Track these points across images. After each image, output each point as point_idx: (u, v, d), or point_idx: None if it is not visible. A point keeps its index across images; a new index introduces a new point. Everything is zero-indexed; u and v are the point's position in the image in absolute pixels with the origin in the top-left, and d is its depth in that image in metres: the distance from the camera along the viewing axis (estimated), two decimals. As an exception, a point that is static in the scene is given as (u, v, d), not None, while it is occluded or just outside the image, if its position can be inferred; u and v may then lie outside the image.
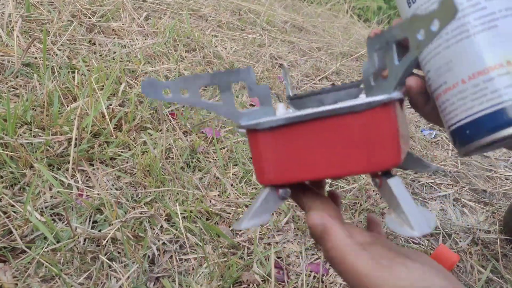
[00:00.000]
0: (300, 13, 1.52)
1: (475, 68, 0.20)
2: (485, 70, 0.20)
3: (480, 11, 0.20)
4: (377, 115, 0.19)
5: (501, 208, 0.71)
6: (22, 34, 0.71)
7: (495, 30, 0.20)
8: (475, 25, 0.20)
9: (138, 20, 0.91)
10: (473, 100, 0.20)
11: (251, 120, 0.20)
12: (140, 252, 0.47)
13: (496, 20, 0.20)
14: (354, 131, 0.19)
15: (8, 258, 0.43)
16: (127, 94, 0.67)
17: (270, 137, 0.20)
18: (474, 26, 0.20)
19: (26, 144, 0.53)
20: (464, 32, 0.20)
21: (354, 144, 0.19)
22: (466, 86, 0.20)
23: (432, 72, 0.22)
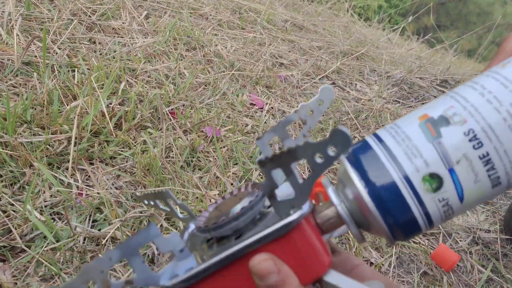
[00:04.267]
0: (300, 12, 1.52)
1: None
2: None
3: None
4: (300, 232, 0.19)
5: (501, 207, 0.71)
6: (22, 32, 0.71)
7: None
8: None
9: (138, 18, 0.91)
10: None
11: (172, 276, 0.19)
12: (140, 251, 0.47)
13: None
14: (283, 254, 0.19)
15: (8, 257, 0.43)
16: (127, 93, 0.67)
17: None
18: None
19: (26, 143, 0.53)
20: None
21: (289, 265, 0.19)
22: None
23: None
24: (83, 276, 0.17)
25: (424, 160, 0.18)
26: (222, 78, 0.84)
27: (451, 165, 0.18)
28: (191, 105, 0.72)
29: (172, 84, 0.76)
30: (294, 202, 0.19)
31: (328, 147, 0.16)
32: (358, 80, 1.06)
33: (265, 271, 0.18)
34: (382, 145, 0.19)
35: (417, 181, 0.18)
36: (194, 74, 0.81)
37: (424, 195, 0.18)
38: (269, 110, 0.81)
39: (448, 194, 0.18)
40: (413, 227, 0.19)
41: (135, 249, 0.18)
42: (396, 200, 0.18)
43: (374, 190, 0.19)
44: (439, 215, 0.19)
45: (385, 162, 0.19)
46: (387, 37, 1.73)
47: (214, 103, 0.76)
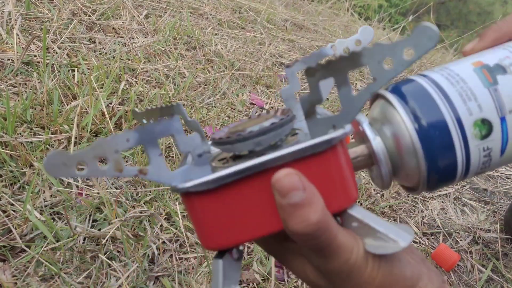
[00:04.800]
0: (300, 11, 1.52)
1: None
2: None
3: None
4: (336, 154, 0.17)
5: (501, 207, 0.70)
6: (22, 32, 0.71)
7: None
8: None
9: (138, 18, 0.91)
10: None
11: (184, 181, 0.17)
12: (140, 251, 0.47)
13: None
14: (312, 175, 0.17)
15: (8, 257, 0.43)
16: (127, 92, 0.67)
17: (209, 199, 0.17)
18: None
19: (26, 143, 0.53)
20: None
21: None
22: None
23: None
24: (95, 149, 0.15)
25: (479, 104, 0.18)
26: (222, 77, 0.84)
27: (504, 113, 0.18)
28: (191, 105, 0.72)
29: (172, 83, 0.76)
30: (337, 121, 0.16)
31: (406, 48, 0.13)
32: (359, 79, 1.06)
33: (289, 186, 0.16)
34: (433, 83, 0.18)
35: (468, 125, 0.18)
36: (194, 74, 0.81)
37: (471, 140, 0.18)
38: (269, 109, 0.80)
39: (493, 143, 0.18)
40: (450, 173, 0.18)
41: (155, 138, 0.16)
42: (443, 141, 0.17)
43: (422, 127, 0.17)
44: (477, 165, 0.18)
45: (437, 100, 0.18)
46: (387, 36, 1.72)
47: (214, 102, 0.76)
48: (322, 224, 0.16)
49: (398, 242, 0.16)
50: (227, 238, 0.17)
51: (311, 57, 0.21)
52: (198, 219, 0.17)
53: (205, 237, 0.18)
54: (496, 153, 0.18)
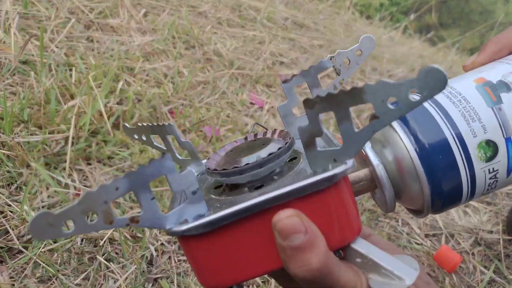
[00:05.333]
0: (301, 10, 1.51)
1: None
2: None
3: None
4: (339, 190, 0.16)
5: (504, 208, 0.70)
6: (19, 31, 0.71)
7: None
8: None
9: (136, 16, 0.90)
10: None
11: (179, 222, 0.16)
12: (138, 252, 0.46)
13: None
14: (313, 213, 0.16)
15: (5, 258, 0.43)
16: (125, 92, 0.67)
17: (206, 241, 0.16)
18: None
19: (23, 143, 0.52)
20: None
21: (317, 227, 0.16)
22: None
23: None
24: (83, 204, 0.14)
25: (483, 125, 0.17)
26: (222, 77, 0.83)
27: (509, 133, 0.17)
28: (190, 104, 0.72)
29: (171, 83, 0.75)
30: (338, 155, 0.16)
31: (411, 89, 0.13)
32: (360, 79, 1.06)
33: (290, 229, 0.15)
34: (434, 103, 0.18)
35: (472, 147, 0.17)
36: (193, 73, 0.80)
37: (476, 163, 0.17)
38: (269, 109, 0.80)
39: (499, 165, 0.17)
40: (454, 197, 0.18)
41: (146, 182, 0.15)
42: (446, 164, 0.17)
43: (423, 151, 0.17)
44: (483, 188, 0.18)
45: (439, 121, 0.17)
46: (388, 35, 1.72)
47: (213, 102, 0.75)
48: (324, 269, 0.15)
49: (403, 279, 0.15)
50: (227, 277, 0.17)
51: (310, 71, 0.21)
52: (196, 261, 0.17)
53: (204, 278, 0.17)
54: (503, 174, 0.18)
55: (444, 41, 1.63)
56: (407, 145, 0.17)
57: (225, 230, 0.16)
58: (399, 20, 2.33)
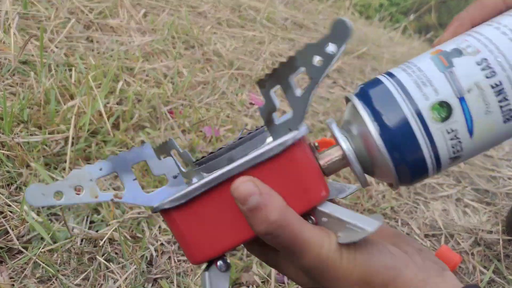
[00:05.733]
0: (300, 10, 1.51)
1: None
2: None
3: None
4: (293, 155, 0.18)
5: (503, 208, 0.70)
6: (19, 31, 0.71)
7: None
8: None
9: (136, 17, 0.90)
10: None
11: (163, 200, 0.18)
12: (138, 253, 0.46)
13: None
14: (272, 179, 0.18)
15: (5, 259, 0.43)
16: (125, 92, 0.67)
17: (186, 213, 0.18)
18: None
19: (23, 143, 0.52)
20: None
21: (278, 191, 0.18)
22: None
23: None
24: (71, 179, 0.17)
25: (434, 88, 0.18)
26: (221, 77, 0.83)
27: (462, 93, 0.17)
28: (189, 105, 0.72)
29: (171, 83, 0.75)
30: (291, 123, 0.17)
31: (327, 44, 0.15)
32: (359, 79, 1.06)
33: (245, 193, 0.17)
34: (393, 79, 0.19)
35: (425, 109, 0.18)
36: (192, 73, 0.80)
37: (432, 124, 0.18)
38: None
39: (457, 125, 0.18)
40: (419, 165, 0.18)
41: (128, 165, 0.18)
42: (403, 131, 0.18)
43: (381, 124, 0.18)
44: (446, 150, 0.18)
45: (393, 93, 0.18)
46: (388, 35, 1.72)
47: (213, 102, 0.75)
48: (281, 221, 0.17)
49: (365, 229, 0.16)
50: (208, 248, 0.18)
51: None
52: (179, 234, 0.19)
53: (189, 251, 0.19)
54: (464, 134, 0.18)
55: (443, 41, 1.64)
56: (367, 121, 0.18)
57: (199, 202, 0.18)
58: (399, 20, 2.34)
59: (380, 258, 0.18)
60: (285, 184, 0.18)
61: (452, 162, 0.19)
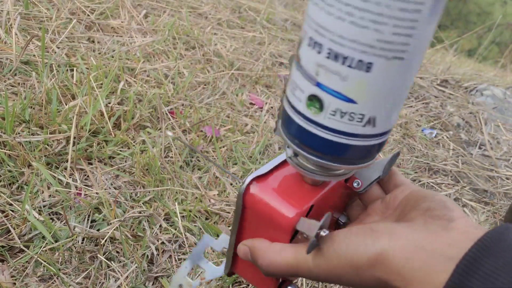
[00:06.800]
0: (300, 11, 1.51)
1: None
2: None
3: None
4: (247, 203, 0.22)
5: (502, 208, 0.70)
6: (20, 31, 0.71)
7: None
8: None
9: (137, 17, 0.91)
10: None
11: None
12: (139, 251, 0.47)
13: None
14: (254, 229, 0.23)
15: (6, 257, 0.43)
16: (126, 92, 0.67)
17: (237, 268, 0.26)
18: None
19: (24, 143, 0.53)
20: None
21: (261, 235, 0.23)
22: None
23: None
24: (174, 284, 0.26)
25: (300, 89, 0.19)
26: (222, 77, 0.84)
27: (315, 79, 0.18)
28: (190, 105, 0.72)
29: (171, 83, 0.76)
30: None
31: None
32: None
33: (244, 256, 0.23)
34: (287, 100, 0.21)
35: (304, 109, 0.19)
36: (193, 74, 0.80)
37: (316, 118, 0.18)
38: (269, 109, 0.80)
39: (333, 105, 0.18)
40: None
41: (200, 255, 0.26)
42: (293, 125, 0.20)
43: (288, 131, 0.21)
44: (353, 129, 0.18)
45: (288, 112, 0.20)
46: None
47: (213, 102, 0.76)
48: (267, 267, 0.21)
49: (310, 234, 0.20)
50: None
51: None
52: (246, 277, 0.26)
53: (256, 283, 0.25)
54: (347, 106, 0.18)
55: (442, 42, 1.64)
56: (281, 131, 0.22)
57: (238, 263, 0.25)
58: (398, 21, 2.32)
59: (354, 240, 0.18)
60: (261, 224, 0.22)
61: (384, 130, 0.20)
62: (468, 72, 1.34)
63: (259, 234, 0.22)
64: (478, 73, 1.38)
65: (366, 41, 0.16)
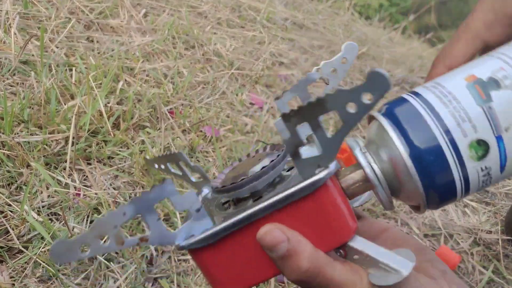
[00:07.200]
0: (300, 10, 1.51)
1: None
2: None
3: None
4: (323, 193, 0.18)
5: (503, 208, 0.70)
6: (19, 31, 0.71)
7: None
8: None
9: (136, 17, 0.90)
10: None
11: (187, 237, 0.18)
12: (138, 252, 0.47)
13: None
14: (301, 218, 0.18)
15: (5, 258, 0.43)
16: (125, 92, 0.67)
17: (214, 251, 0.18)
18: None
19: (23, 143, 0.52)
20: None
21: (304, 232, 0.18)
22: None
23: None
24: (95, 230, 0.16)
25: (473, 125, 0.17)
26: (221, 77, 0.83)
27: (500, 132, 0.17)
28: (190, 105, 0.72)
29: (171, 83, 0.75)
30: (320, 160, 0.17)
31: (363, 93, 0.15)
32: (359, 79, 1.06)
33: (272, 242, 0.17)
34: (425, 104, 0.18)
35: (463, 147, 0.17)
36: (193, 73, 0.80)
37: (468, 162, 0.17)
38: (269, 109, 0.80)
39: (492, 162, 0.18)
40: (449, 194, 0.18)
41: (151, 205, 0.17)
42: (439, 165, 0.18)
43: (415, 152, 0.18)
44: (477, 184, 0.18)
45: (430, 123, 0.18)
46: (388, 36, 1.72)
47: (213, 102, 0.75)
48: (312, 269, 0.17)
49: (400, 271, 0.16)
50: (236, 283, 0.19)
51: (299, 85, 0.22)
52: (207, 271, 0.19)
53: (215, 285, 0.19)
54: (496, 171, 0.18)
55: (443, 42, 1.64)
56: (399, 147, 0.18)
57: (228, 240, 0.18)
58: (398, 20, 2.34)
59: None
60: (314, 223, 0.18)
61: (478, 191, 0.19)
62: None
63: (296, 226, 0.18)
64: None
65: None
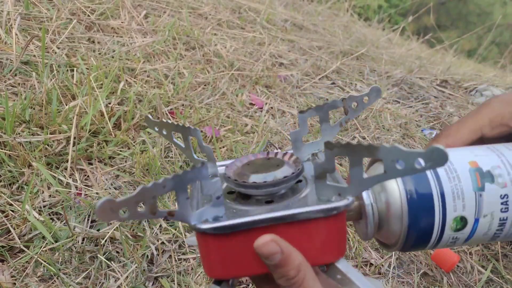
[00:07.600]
0: (300, 12, 1.52)
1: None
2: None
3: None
4: (333, 220, 0.20)
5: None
6: (20, 32, 0.71)
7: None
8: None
9: (137, 18, 0.91)
10: None
11: (201, 220, 0.20)
12: (139, 251, 0.47)
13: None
14: (303, 233, 0.20)
15: (6, 257, 0.43)
16: (126, 92, 0.67)
17: (220, 240, 0.20)
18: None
19: (25, 143, 0.53)
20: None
21: (303, 245, 0.20)
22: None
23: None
24: (139, 196, 0.17)
25: (464, 204, 0.21)
26: (222, 77, 0.84)
27: (479, 216, 0.21)
28: (190, 105, 0.72)
29: (171, 83, 0.76)
30: (343, 191, 0.19)
31: (418, 158, 0.16)
32: (358, 80, 1.06)
33: (268, 253, 0.19)
34: (433, 171, 0.22)
35: (449, 218, 0.21)
36: (193, 74, 0.80)
37: (447, 230, 0.22)
38: (269, 110, 0.80)
39: (462, 235, 0.22)
40: (422, 245, 0.23)
41: (185, 184, 0.19)
42: (426, 223, 0.21)
43: (413, 205, 0.21)
44: (444, 245, 0.23)
45: (433, 189, 0.21)
46: (387, 37, 1.72)
47: (213, 103, 0.76)
48: (297, 279, 0.19)
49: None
50: (229, 271, 0.20)
51: (324, 108, 0.25)
52: (207, 254, 0.20)
53: (210, 268, 0.21)
54: (461, 241, 0.23)
55: (442, 43, 1.65)
56: (402, 198, 0.21)
57: (236, 234, 0.20)
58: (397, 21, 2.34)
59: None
60: (315, 240, 0.20)
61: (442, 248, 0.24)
62: (468, 73, 1.34)
63: (297, 238, 0.20)
64: (478, 73, 1.38)
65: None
